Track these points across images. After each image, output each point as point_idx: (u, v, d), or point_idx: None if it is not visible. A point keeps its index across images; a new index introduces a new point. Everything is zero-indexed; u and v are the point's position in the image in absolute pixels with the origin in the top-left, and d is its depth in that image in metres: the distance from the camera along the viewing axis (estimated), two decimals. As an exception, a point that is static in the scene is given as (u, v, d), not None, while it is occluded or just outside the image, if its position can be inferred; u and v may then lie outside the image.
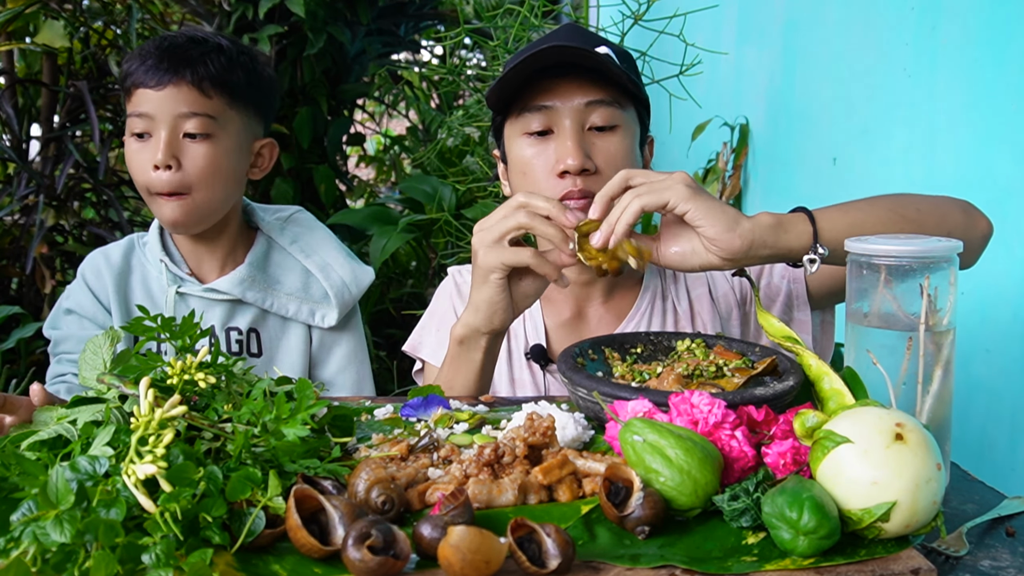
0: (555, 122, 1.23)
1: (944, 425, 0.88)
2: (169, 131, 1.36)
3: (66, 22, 3.01)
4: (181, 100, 1.36)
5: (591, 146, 1.23)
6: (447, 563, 0.62)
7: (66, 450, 0.76)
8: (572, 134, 1.22)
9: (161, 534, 0.64)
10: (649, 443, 0.75)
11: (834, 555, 0.69)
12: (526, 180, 1.26)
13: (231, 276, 1.46)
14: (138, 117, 1.37)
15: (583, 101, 1.22)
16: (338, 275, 1.52)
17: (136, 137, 1.38)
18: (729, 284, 1.37)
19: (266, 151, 1.49)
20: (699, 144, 3.19)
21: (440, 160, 3.49)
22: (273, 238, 1.53)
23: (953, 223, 1.11)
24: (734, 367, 1.02)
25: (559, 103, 1.22)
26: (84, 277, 1.49)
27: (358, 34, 3.66)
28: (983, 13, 1.71)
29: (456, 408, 1.04)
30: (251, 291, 1.46)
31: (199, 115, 1.37)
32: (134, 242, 1.52)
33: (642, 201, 1.01)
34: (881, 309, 0.89)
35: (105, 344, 0.93)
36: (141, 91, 1.36)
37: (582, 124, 1.23)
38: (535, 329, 1.36)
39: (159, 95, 1.35)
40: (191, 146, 1.37)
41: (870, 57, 2.16)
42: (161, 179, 1.36)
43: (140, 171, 1.38)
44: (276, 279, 1.50)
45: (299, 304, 1.49)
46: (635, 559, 0.68)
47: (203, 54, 1.38)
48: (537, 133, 1.24)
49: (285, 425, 0.78)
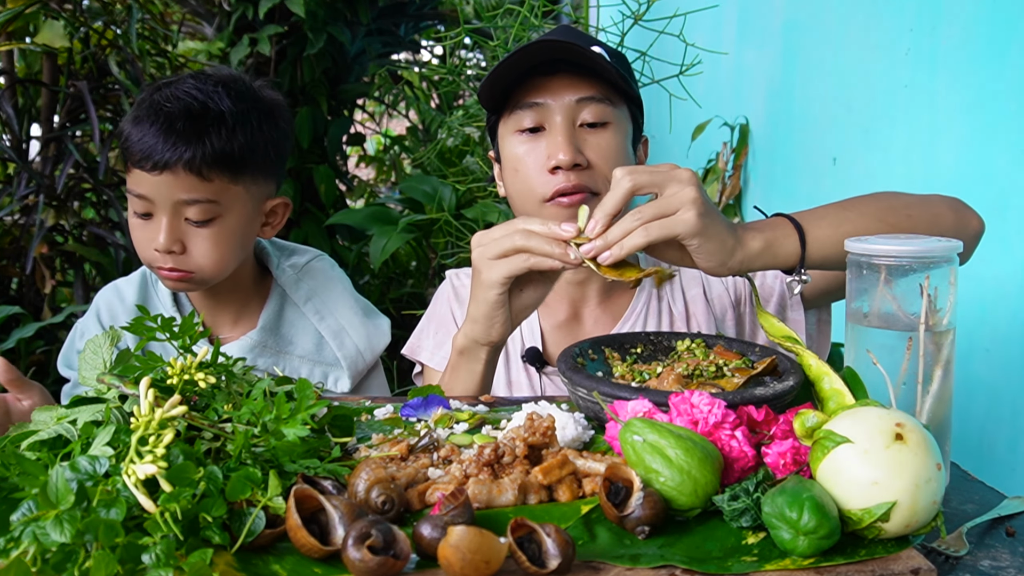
0: (546, 119, 1.24)
1: (944, 425, 0.88)
2: (170, 216, 1.28)
3: (66, 22, 3.01)
4: (178, 187, 1.27)
5: (583, 142, 1.23)
6: (447, 563, 0.62)
7: (66, 450, 0.76)
8: (563, 130, 1.22)
9: (161, 534, 0.64)
10: (649, 443, 0.75)
11: (834, 555, 0.69)
12: (518, 177, 1.26)
13: (242, 342, 1.40)
14: (137, 198, 1.29)
15: (574, 98, 1.23)
16: (352, 342, 1.45)
17: (137, 215, 1.31)
18: (724, 285, 1.37)
19: (279, 209, 1.41)
20: (699, 144, 3.19)
21: (440, 160, 3.49)
22: (288, 293, 1.46)
23: (945, 225, 1.10)
24: (734, 367, 1.02)
25: (550, 100, 1.23)
26: (99, 316, 1.44)
27: (358, 34, 3.66)
28: (983, 13, 1.71)
29: (456, 408, 1.04)
30: (262, 357, 1.40)
31: (200, 202, 1.28)
32: (147, 278, 1.46)
33: (649, 235, 0.97)
34: (881, 309, 0.89)
35: (105, 344, 0.93)
36: (137, 171, 1.28)
37: (573, 120, 1.23)
38: (531, 332, 1.36)
39: (155, 180, 1.26)
40: (195, 231, 1.30)
41: (870, 57, 2.16)
42: (166, 262, 1.30)
43: (142, 248, 1.31)
44: (289, 340, 1.44)
45: (312, 367, 1.43)
46: (635, 559, 0.68)
47: (199, 132, 1.26)
48: (529, 130, 1.25)
49: (285, 425, 0.78)
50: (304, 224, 3.54)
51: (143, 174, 1.27)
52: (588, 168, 1.23)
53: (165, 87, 1.32)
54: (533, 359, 1.33)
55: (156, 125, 1.27)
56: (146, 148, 1.26)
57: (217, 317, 1.44)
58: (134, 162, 1.28)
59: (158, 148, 1.25)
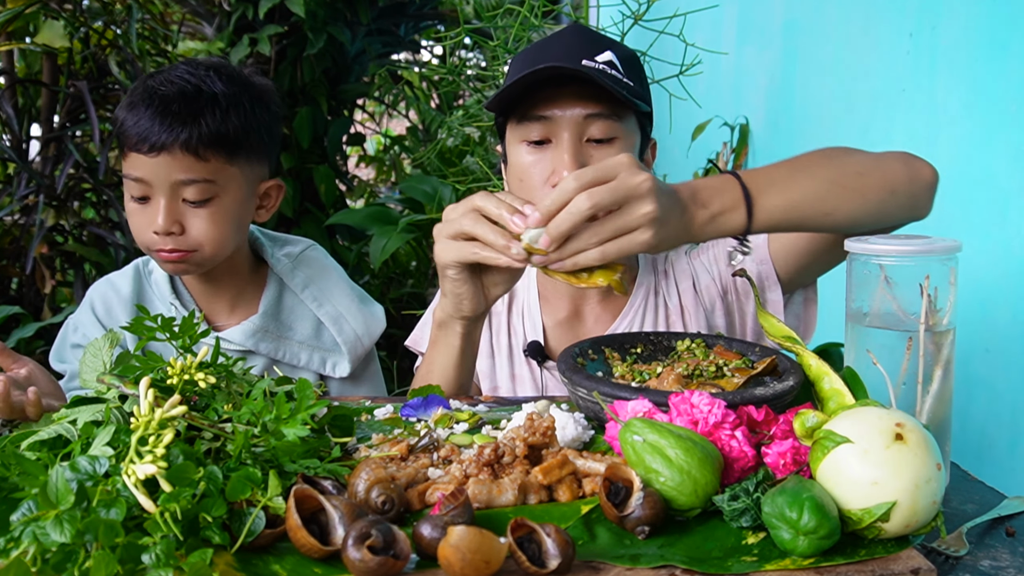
0: (553, 132, 1.23)
1: (944, 425, 0.88)
2: (168, 198, 1.30)
3: (66, 22, 3.01)
4: (176, 167, 1.29)
5: (588, 158, 1.22)
6: (447, 563, 0.62)
7: (66, 450, 0.76)
8: (569, 146, 1.21)
9: (161, 534, 0.64)
10: (649, 443, 0.75)
11: (834, 555, 0.69)
12: (523, 187, 1.26)
13: (244, 327, 1.42)
14: (134, 181, 1.30)
15: (582, 113, 1.22)
16: (351, 328, 1.48)
17: (134, 199, 1.32)
18: (710, 276, 1.38)
19: (273, 192, 1.43)
20: (699, 144, 3.19)
21: (440, 160, 3.49)
22: (285, 281, 1.47)
23: (896, 179, 1.09)
24: (734, 367, 1.02)
25: (558, 114, 1.22)
26: (94, 310, 1.44)
27: (358, 34, 3.66)
28: (983, 13, 1.71)
29: (456, 408, 1.04)
30: (263, 342, 1.42)
31: (197, 181, 1.30)
32: (140, 271, 1.47)
33: (605, 255, 0.95)
34: (881, 309, 0.89)
35: (105, 346, 0.93)
36: (134, 155, 1.29)
37: (580, 136, 1.23)
38: (533, 327, 1.38)
39: (153, 162, 1.28)
40: (192, 211, 1.32)
41: (870, 57, 2.16)
42: (165, 243, 1.31)
43: (140, 232, 1.33)
44: (288, 326, 1.46)
45: (311, 353, 1.46)
46: (635, 559, 0.68)
47: (195, 113, 1.29)
48: (536, 142, 1.24)
49: (285, 425, 0.78)
50: (304, 224, 3.54)
51: (140, 157, 1.29)
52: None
53: (158, 75, 1.35)
54: (534, 353, 1.34)
55: (152, 108, 1.29)
56: (143, 131, 1.28)
57: (214, 305, 1.45)
58: (131, 146, 1.29)
59: (155, 130, 1.27)
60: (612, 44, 1.28)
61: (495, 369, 1.39)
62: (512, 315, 1.41)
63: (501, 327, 1.40)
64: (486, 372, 1.39)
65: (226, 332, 1.41)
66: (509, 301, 1.41)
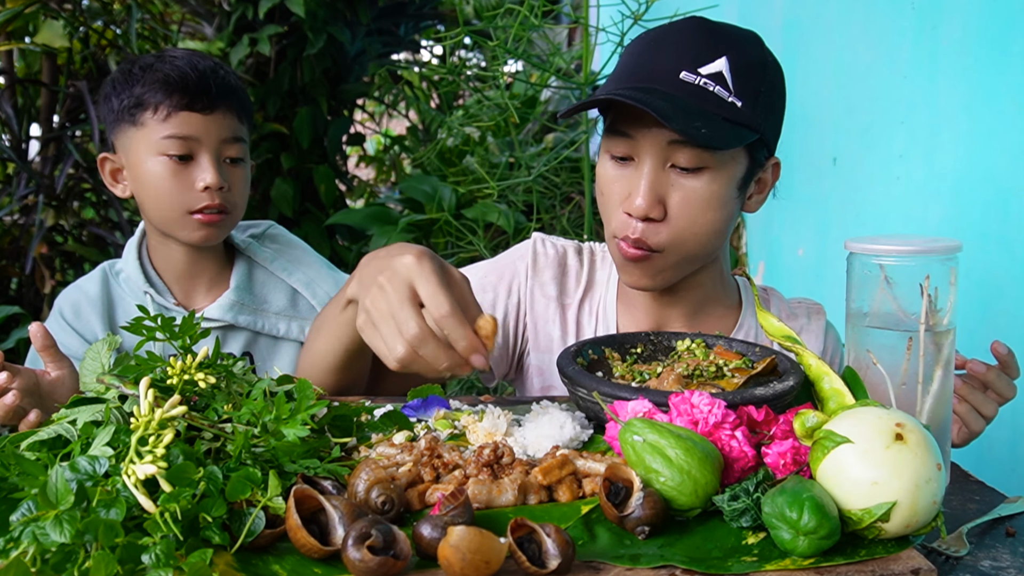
0: (637, 152, 1.12)
1: (944, 425, 0.88)
2: (215, 154, 1.38)
3: (66, 22, 3.01)
4: (225, 126, 1.39)
5: (669, 186, 1.11)
6: (447, 563, 0.62)
7: (66, 450, 0.76)
8: (648, 175, 1.10)
9: (161, 534, 0.64)
10: (649, 443, 0.75)
11: (834, 555, 0.69)
12: (602, 200, 1.18)
13: (220, 302, 1.46)
14: (181, 140, 1.36)
15: (667, 138, 1.09)
16: (324, 291, 1.52)
17: (173, 159, 1.36)
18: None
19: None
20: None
21: (440, 160, 3.49)
22: (253, 258, 1.53)
23: None
24: (734, 367, 1.02)
25: (642, 134, 1.10)
26: (63, 317, 1.45)
27: (358, 34, 3.66)
28: (983, 13, 1.71)
29: (456, 408, 1.04)
30: (242, 315, 1.47)
31: (239, 140, 1.41)
32: (107, 273, 1.50)
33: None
34: (881, 309, 0.89)
35: (103, 349, 0.93)
36: (185, 114, 1.36)
37: (664, 161, 1.10)
38: (606, 329, 1.29)
39: (206, 119, 1.37)
40: (232, 170, 1.41)
41: (870, 57, 2.16)
42: (213, 198, 1.37)
43: (179, 193, 1.37)
44: (263, 299, 1.50)
45: (288, 322, 1.50)
46: (635, 559, 0.68)
47: (226, 79, 1.40)
48: (619, 158, 1.14)
49: (285, 425, 0.78)
50: (304, 224, 3.54)
51: (191, 115, 1.36)
52: (662, 221, 1.12)
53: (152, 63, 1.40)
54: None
55: (197, 71, 1.37)
56: (195, 88, 1.36)
57: (191, 290, 1.50)
58: (182, 106, 1.36)
59: (211, 90, 1.37)
60: (732, 47, 1.12)
61: (552, 366, 1.28)
62: (583, 312, 1.31)
63: (569, 323, 1.30)
64: (544, 367, 1.30)
65: (205, 310, 1.46)
66: (582, 295, 1.31)
